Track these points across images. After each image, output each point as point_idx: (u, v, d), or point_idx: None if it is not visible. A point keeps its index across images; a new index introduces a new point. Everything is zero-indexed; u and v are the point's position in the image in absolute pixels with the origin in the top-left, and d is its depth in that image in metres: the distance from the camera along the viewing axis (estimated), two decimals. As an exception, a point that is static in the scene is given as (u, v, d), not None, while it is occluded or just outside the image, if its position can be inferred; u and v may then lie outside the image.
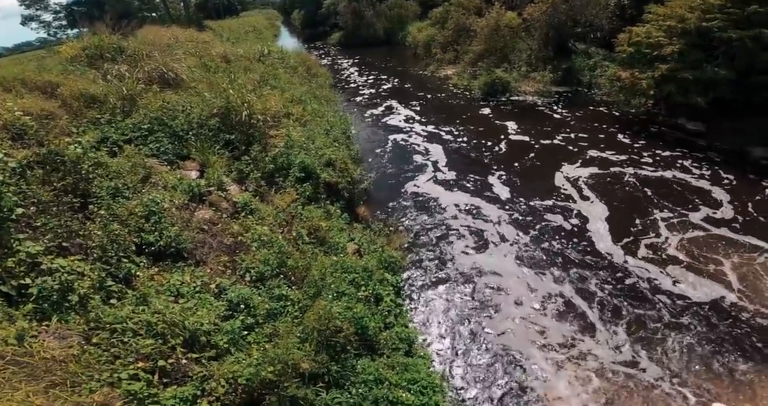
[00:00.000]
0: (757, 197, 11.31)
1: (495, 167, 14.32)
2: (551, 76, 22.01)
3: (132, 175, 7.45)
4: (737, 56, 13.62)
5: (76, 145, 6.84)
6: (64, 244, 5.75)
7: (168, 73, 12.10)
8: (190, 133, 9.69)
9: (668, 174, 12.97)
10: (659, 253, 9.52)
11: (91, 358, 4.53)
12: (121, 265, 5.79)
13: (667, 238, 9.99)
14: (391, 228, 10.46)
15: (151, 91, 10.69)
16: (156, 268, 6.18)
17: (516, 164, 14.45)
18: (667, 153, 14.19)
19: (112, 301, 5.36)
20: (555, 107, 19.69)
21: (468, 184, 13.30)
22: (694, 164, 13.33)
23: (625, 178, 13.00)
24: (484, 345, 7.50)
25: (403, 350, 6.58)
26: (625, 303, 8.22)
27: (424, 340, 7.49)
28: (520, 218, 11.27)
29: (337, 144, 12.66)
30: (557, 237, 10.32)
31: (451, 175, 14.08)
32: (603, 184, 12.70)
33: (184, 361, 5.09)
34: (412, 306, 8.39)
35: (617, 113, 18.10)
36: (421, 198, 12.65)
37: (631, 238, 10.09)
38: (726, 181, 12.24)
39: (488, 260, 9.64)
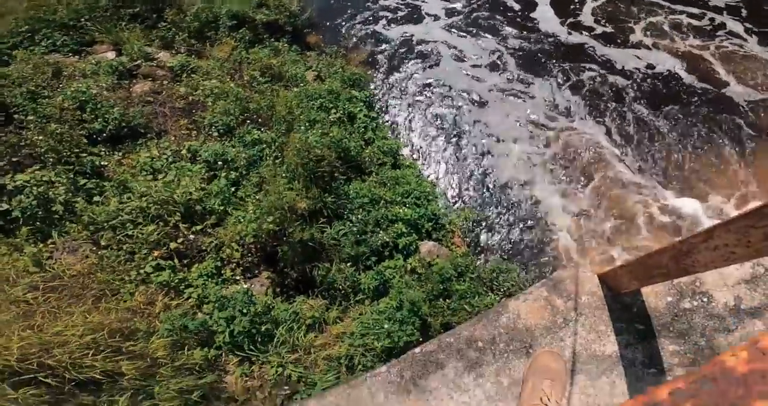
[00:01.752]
0: None
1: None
2: None
3: (40, 75, 6.63)
4: None
5: None
6: (13, 159, 5.41)
7: None
8: (83, 19, 8.30)
9: None
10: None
11: (111, 261, 4.62)
12: (82, 160, 5.56)
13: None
14: (346, 47, 9.89)
15: None
16: (119, 153, 5.95)
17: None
18: None
19: (96, 198, 5.30)
20: None
21: None
22: None
23: None
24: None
25: (389, 163, 6.69)
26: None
27: (407, 148, 7.65)
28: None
29: (263, -14, 11.03)
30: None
31: None
32: None
33: (191, 236, 5.20)
34: (387, 117, 8.42)
35: None
36: (369, 17, 11.54)
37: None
38: None
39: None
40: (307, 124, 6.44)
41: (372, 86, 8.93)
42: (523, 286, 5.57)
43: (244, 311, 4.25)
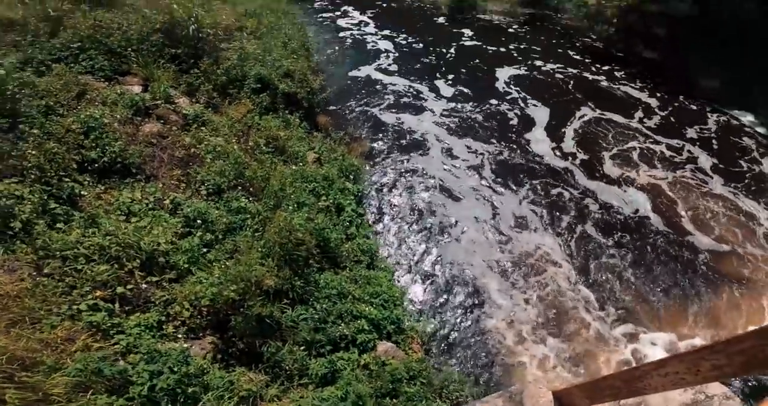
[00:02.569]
0: (687, 116, 12.55)
1: (444, 71, 15.10)
2: (519, -2, 21.25)
3: (64, 93, 6.76)
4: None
5: None
6: (-5, 167, 5.30)
7: None
8: (129, 49, 8.75)
9: (608, 84, 14.18)
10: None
11: (46, 290, 4.37)
12: (63, 185, 5.41)
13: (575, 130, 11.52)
14: (351, 136, 10.35)
15: (80, 11, 9.45)
16: (102, 186, 5.81)
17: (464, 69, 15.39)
18: (618, 73, 15.02)
19: (59, 225, 5.06)
20: (516, 27, 19.88)
21: (422, 88, 13.94)
22: (639, 82, 14.28)
23: (558, 82, 14.26)
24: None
25: (365, 262, 6.69)
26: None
27: (385, 251, 7.77)
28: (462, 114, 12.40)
29: (295, 56, 11.91)
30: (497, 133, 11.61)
31: (414, 84, 14.42)
32: (538, 87, 13.94)
33: (144, 285, 4.98)
34: (373, 214, 8.65)
35: (578, 37, 18.33)
36: (377, 104, 12.95)
37: (557, 134, 11.40)
38: (674, 104, 12.97)
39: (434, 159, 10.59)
40: (295, 205, 6.50)
41: (366, 182, 9.28)
42: (473, 397, 5.65)
43: (175, 369, 4.01)
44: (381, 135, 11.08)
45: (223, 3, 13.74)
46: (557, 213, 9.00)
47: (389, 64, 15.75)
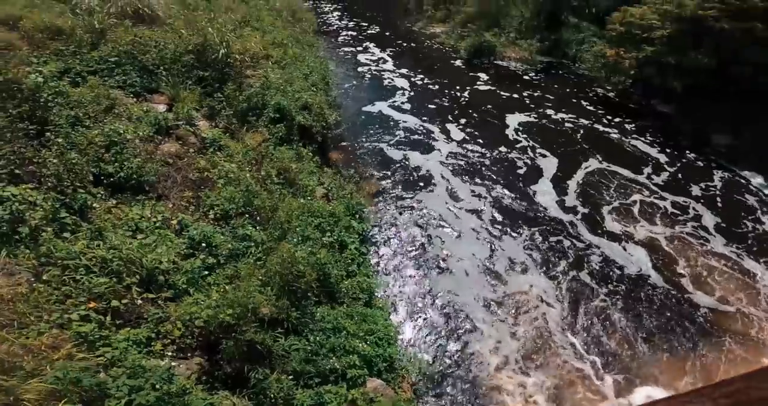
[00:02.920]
0: (695, 172, 12.52)
1: (456, 114, 15.45)
2: (538, 46, 21.84)
3: (94, 105, 7.03)
4: (723, 46, 13.75)
5: (36, 74, 6.42)
6: (16, 171, 5.45)
7: (143, 9, 11.19)
8: (161, 68, 9.15)
9: (618, 136, 14.41)
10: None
11: (41, 297, 4.40)
12: (76, 196, 5.54)
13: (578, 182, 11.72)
14: (361, 175, 10.49)
15: (123, 26, 9.95)
16: (114, 200, 5.94)
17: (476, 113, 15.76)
18: (629, 126, 15.13)
19: (66, 234, 5.15)
20: (532, 74, 20.33)
21: (434, 128, 14.28)
22: (649, 136, 14.35)
23: (569, 132, 14.52)
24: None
25: (363, 300, 6.69)
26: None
27: (385, 291, 7.77)
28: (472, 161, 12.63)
29: (315, 89, 12.29)
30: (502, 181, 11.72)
31: (425, 124, 14.76)
32: (548, 135, 14.18)
33: (139, 301, 5.00)
34: (376, 253, 8.70)
35: (594, 88, 18.64)
36: (389, 141, 13.26)
37: (561, 185, 11.57)
38: (683, 160, 13.05)
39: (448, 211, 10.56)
40: (300, 238, 6.57)
41: (371, 221, 9.36)
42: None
43: (157, 386, 3.95)
44: (390, 172, 11.30)
45: (253, 30, 14.33)
46: (551, 259, 9.08)
47: (403, 102, 16.22)
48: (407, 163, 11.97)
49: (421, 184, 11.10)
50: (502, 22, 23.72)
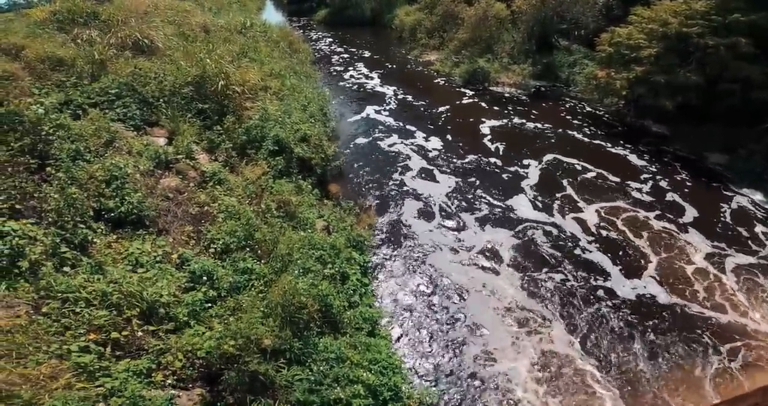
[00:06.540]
0: (696, 193, 12.46)
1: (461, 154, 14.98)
2: (531, 70, 22.25)
3: (95, 139, 7.13)
4: (709, 63, 14.03)
5: (38, 106, 6.56)
6: (17, 206, 5.49)
7: (143, 41, 11.53)
8: (161, 100, 9.31)
9: (615, 153, 14.52)
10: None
11: (40, 328, 4.40)
12: (77, 231, 5.55)
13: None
14: (361, 207, 10.47)
15: (123, 57, 10.19)
16: (115, 235, 5.95)
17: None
18: (624, 151, 14.98)
19: (66, 268, 5.16)
20: (526, 99, 20.44)
21: (436, 164, 13.97)
22: (648, 161, 14.20)
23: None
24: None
25: (366, 330, 6.62)
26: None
27: (388, 321, 7.61)
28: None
29: (313, 120, 12.45)
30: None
31: (421, 159, 14.54)
32: (559, 170, 13.83)
33: (139, 333, 4.98)
34: (377, 283, 8.56)
35: (587, 109, 18.78)
36: (389, 174, 13.14)
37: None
38: (682, 181, 13.01)
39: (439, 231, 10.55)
40: (301, 270, 6.56)
41: (372, 252, 9.26)
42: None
43: None
44: (391, 203, 11.28)
45: (251, 62, 14.65)
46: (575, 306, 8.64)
47: (407, 138, 15.81)
48: (408, 192, 11.94)
49: (422, 214, 11.03)
50: (494, 48, 24.18)
